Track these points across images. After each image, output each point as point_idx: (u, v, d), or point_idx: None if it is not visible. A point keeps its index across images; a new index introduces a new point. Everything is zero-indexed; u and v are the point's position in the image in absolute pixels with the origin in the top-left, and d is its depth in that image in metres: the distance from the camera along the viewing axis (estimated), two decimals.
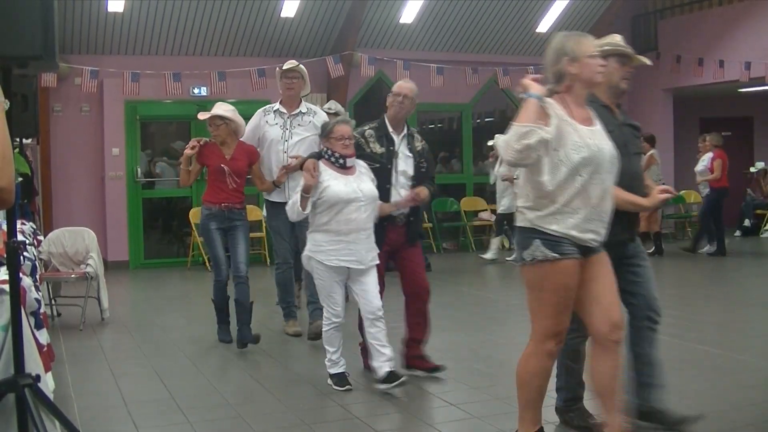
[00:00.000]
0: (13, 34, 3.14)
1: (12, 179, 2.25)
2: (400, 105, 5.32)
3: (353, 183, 4.98)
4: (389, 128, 5.33)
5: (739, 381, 5.12)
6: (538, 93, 3.43)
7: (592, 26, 14.05)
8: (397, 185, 5.26)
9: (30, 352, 3.49)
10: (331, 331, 5.08)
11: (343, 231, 4.91)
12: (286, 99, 6.64)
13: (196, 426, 4.43)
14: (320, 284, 5.04)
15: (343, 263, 4.93)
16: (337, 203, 4.90)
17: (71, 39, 11.40)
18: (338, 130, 5.06)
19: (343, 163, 5.04)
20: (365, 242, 4.97)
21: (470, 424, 4.44)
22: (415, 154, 5.35)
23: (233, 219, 6.34)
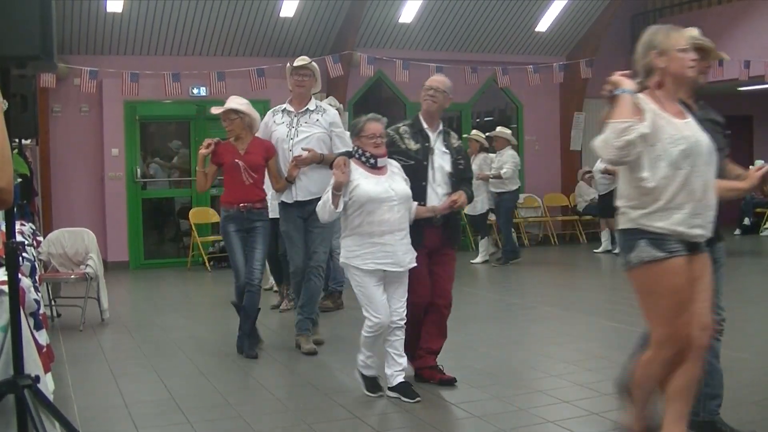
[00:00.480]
0: (11, 35, 3.14)
1: (11, 180, 2.25)
2: (431, 99, 5.14)
3: (384, 182, 4.78)
4: (424, 124, 5.16)
5: (740, 379, 5.11)
6: (630, 88, 3.34)
7: (591, 25, 14.07)
8: (434, 183, 5.05)
9: (29, 352, 3.49)
10: (371, 338, 4.84)
11: (376, 233, 4.70)
12: (296, 96, 6.35)
13: (196, 426, 4.43)
14: (359, 291, 4.79)
15: (380, 266, 4.72)
16: (367, 203, 4.70)
17: (70, 39, 11.39)
18: (369, 128, 4.86)
19: (374, 163, 4.84)
20: (401, 243, 4.76)
21: (470, 423, 4.44)
22: (451, 151, 5.16)
23: (253, 220, 6.05)
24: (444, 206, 5.00)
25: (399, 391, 4.79)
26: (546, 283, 10.17)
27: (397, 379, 4.83)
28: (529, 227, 14.26)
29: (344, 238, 4.86)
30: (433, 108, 5.15)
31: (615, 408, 4.56)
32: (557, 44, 14.34)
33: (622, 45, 15.29)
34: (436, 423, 4.47)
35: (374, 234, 4.71)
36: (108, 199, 11.77)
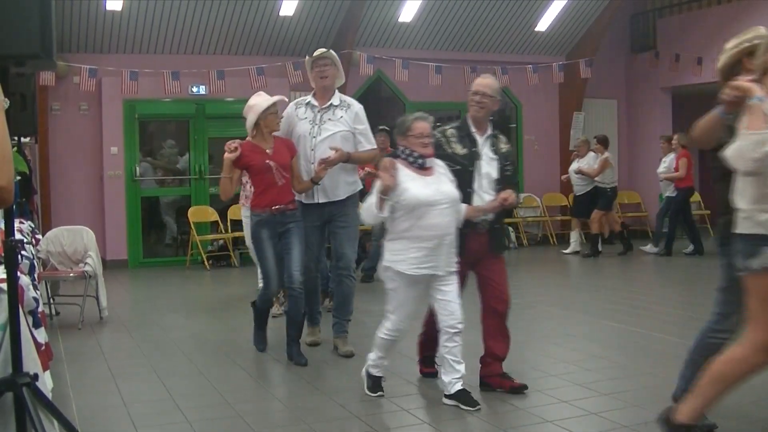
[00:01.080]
0: (10, 33, 3.14)
1: (11, 178, 2.25)
2: (478, 105, 4.87)
3: (433, 184, 4.59)
4: (472, 128, 4.91)
5: None
6: (763, 95, 3.26)
7: (591, 25, 14.07)
8: (480, 190, 4.83)
9: (28, 351, 3.49)
10: (389, 342, 4.78)
11: (425, 237, 4.51)
12: (320, 90, 5.98)
13: (195, 425, 4.43)
14: (394, 295, 4.66)
15: (424, 271, 4.55)
16: (417, 207, 4.50)
17: (70, 38, 11.39)
18: (417, 127, 4.63)
19: (422, 164, 4.63)
20: (447, 248, 4.59)
21: (468, 423, 4.44)
22: (500, 156, 4.92)
23: (286, 222, 5.73)
24: (494, 205, 4.80)
25: (458, 399, 4.61)
26: (545, 283, 10.17)
27: (455, 387, 4.63)
28: (528, 227, 14.27)
29: (389, 241, 4.66)
30: (480, 115, 4.90)
31: (614, 408, 4.57)
32: (557, 44, 14.35)
33: (622, 45, 15.33)
34: (435, 422, 4.47)
35: (423, 238, 4.52)
36: (107, 198, 11.76)
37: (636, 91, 15.34)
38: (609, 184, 12.10)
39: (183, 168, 12.71)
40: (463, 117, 5.00)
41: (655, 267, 11.36)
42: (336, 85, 6.05)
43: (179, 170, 12.73)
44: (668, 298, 8.64)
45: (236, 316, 7.95)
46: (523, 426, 4.34)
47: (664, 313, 7.59)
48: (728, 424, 4.30)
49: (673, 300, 8.52)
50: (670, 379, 5.18)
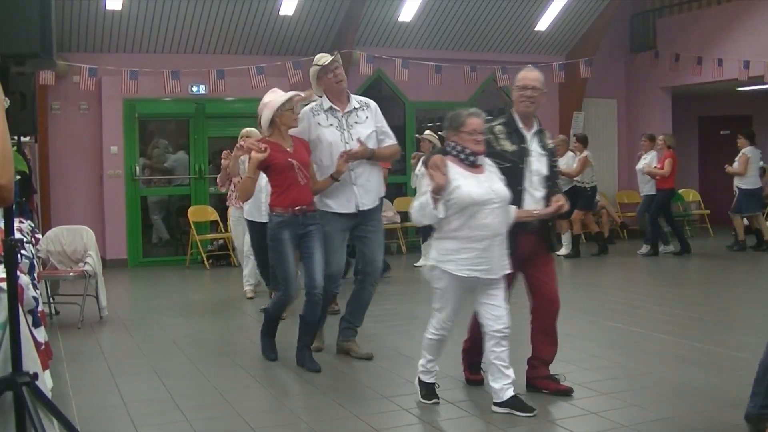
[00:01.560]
0: (10, 32, 3.14)
1: (11, 177, 2.25)
2: (529, 100, 4.70)
3: (485, 183, 4.42)
4: (519, 123, 4.73)
5: (738, 378, 5.11)
6: None
7: (591, 25, 14.07)
8: (531, 187, 4.67)
9: (28, 350, 3.49)
10: (436, 341, 4.65)
11: (476, 237, 4.35)
12: (336, 94, 5.77)
13: (195, 424, 4.43)
14: (441, 294, 4.51)
15: (475, 273, 4.38)
16: (469, 206, 4.34)
17: (70, 37, 11.39)
18: (471, 123, 4.44)
19: (473, 161, 4.46)
20: (499, 249, 4.43)
21: (468, 422, 4.44)
22: (548, 152, 4.79)
23: (307, 224, 5.53)
24: (549, 211, 4.67)
25: (512, 406, 4.48)
26: None
27: (507, 393, 4.48)
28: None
29: (438, 240, 4.49)
30: (531, 110, 4.73)
31: (613, 407, 4.58)
32: (557, 44, 14.35)
33: (622, 45, 15.33)
34: (435, 421, 4.47)
35: (473, 239, 4.36)
36: (107, 197, 11.76)
37: (636, 90, 15.34)
38: (588, 183, 12.02)
39: (171, 167, 12.72)
40: (507, 112, 4.81)
41: (652, 267, 11.36)
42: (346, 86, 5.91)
43: (167, 169, 12.73)
44: (666, 298, 8.63)
45: (236, 316, 7.96)
46: (522, 425, 4.34)
47: (663, 313, 7.59)
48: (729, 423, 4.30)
49: (671, 300, 8.52)
50: (668, 378, 5.20)
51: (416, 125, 13.48)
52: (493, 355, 4.49)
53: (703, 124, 16.53)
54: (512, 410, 4.46)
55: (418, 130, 12.56)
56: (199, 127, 12.26)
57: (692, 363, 5.63)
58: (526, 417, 4.40)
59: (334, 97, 5.78)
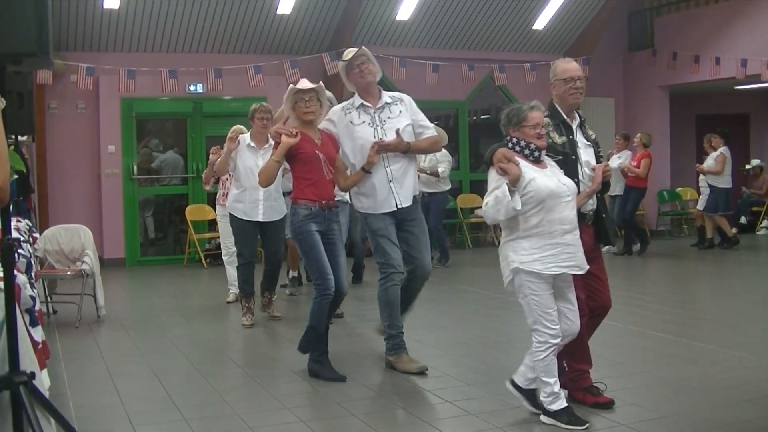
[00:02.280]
0: (7, 31, 3.13)
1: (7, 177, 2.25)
2: (578, 92, 4.54)
3: (552, 176, 4.27)
4: (563, 115, 4.57)
5: (736, 377, 5.13)
6: None
7: (588, 23, 14.08)
8: (584, 179, 4.49)
9: (25, 349, 3.49)
10: (549, 357, 4.23)
11: (557, 232, 4.17)
12: (365, 89, 5.59)
13: (192, 423, 4.43)
14: (534, 301, 4.20)
15: (564, 269, 4.19)
16: (547, 198, 4.16)
17: (67, 36, 11.38)
18: (533, 117, 4.27)
19: (538, 156, 4.29)
20: (579, 244, 4.26)
21: (466, 421, 4.43)
22: (593, 143, 4.66)
23: (332, 220, 5.37)
24: (597, 182, 4.47)
25: (525, 395, 4.42)
26: None
27: (532, 385, 4.38)
28: None
29: (515, 240, 4.25)
30: (580, 101, 4.59)
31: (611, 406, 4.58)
32: (554, 42, 14.35)
33: (619, 43, 15.35)
34: (433, 421, 4.47)
35: (555, 234, 4.17)
36: (104, 196, 11.75)
37: (633, 89, 15.35)
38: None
39: (157, 167, 12.70)
40: (550, 104, 4.62)
41: (649, 266, 11.37)
42: (376, 80, 5.69)
43: (153, 169, 12.72)
44: (664, 297, 8.64)
45: (234, 315, 7.95)
46: (521, 424, 4.34)
47: (661, 312, 7.59)
48: (728, 423, 4.31)
49: (668, 298, 8.53)
50: (666, 377, 5.20)
51: None
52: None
53: (701, 122, 16.54)
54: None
55: None
56: (197, 126, 12.25)
57: (690, 361, 5.64)
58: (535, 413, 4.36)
59: (364, 92, 5.60)
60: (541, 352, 4.22)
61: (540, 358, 4.23)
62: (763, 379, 5.15)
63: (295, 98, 5.38)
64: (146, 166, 12.68)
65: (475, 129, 14.46)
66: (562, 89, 4.54)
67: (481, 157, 14.51)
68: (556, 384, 4.25)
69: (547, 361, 4.22)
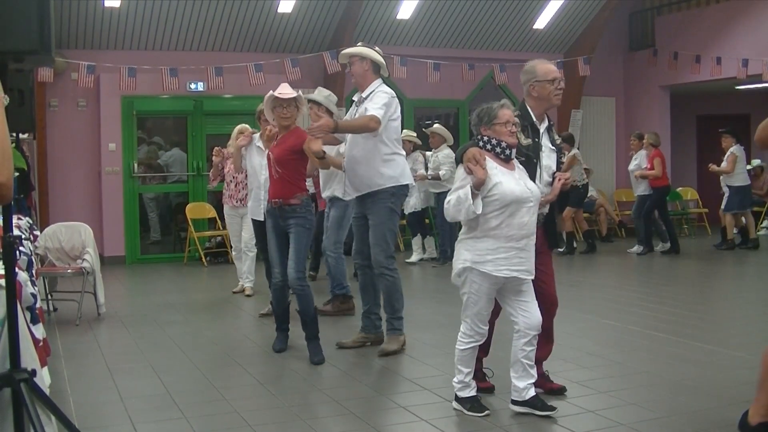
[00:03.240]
0: (9, 29, 3.14)
1: (11, 175, 2.25)
2: (560, 92, 4.62)
3: (520, 180, 4.30)
4: (533, 117, 4.57)
5: (736, 377, 5.13)
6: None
7: (589, 23, 14.08)
8: (541, 183, 4.51)
9: (26, 346, 3.49)
10: (469, 351, 4.46)
11: (515, 236, 4.21)
12: (356, 85, 6.22)
13: (192, 421, 4.43)
14: (473, 299, 4.34)
15: (514, 273, 4.25)
16: (511, 203, 4.18)
17: (68, 34, 11.38)
18: (504, 114, 4.27)
19: (509, 154, 4.30)
20: (533, 250, 4.32)
21: (466, 420, 4.44)
22: (557, 148, 4.68)
23: (286, 217, 5.75)
24: (557, 187, 4.53)
25: (532, 406, 4.41)
26: None
27: (529, 393, 4.42)
28: None
29: (471, 239, 4.31)
30: (560, 103, 4.71)
31: (611, 406, 4.58)
32: (555, 41, 14.35)
33: (620, 43, 15.34)
34: (433, 419, 4.47)
35: (513, 237, 4.21)
36: (105, 194, 11.76)
37: (634, 88, 15.35)
38: (580, 181, 12.03)
39: (164, 164, 12.72)
40: (520, 104, 4.64)
41: (649, 265, 11.37)
42: (377, 74, 6.19)
43: (160, 166, 12.72)
44: (663, 297, 8.64)
45: (233, 313, 7.96)
46: (520, 423, 4.35)
47: (659, 311, 7.59)
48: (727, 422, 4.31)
49: (667, 298, 8.53)
50: (665, 377, 5.21)
51: (414, 123, 13.47)
52: (523, 353, 4.39)
53: (702, 122, 16.54)
54: (532, 409, 4.40)
55: (417, 128, 12.57)
56: (197, 125, 12.25)
57: (689, 361, 5.64)
58: (545, 415, 4.36)
59: (358, 87, 6.12)
60: (464, 344, 4.46)
61: (461, 348, 4.48)
62: None
63: (274, 103, 5.82)
64: (150, 162, 12.68)
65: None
66: (547, 90, 4.57)
67: None
68: (468, 375, 4.49)
69: (466, 352, 4.47)
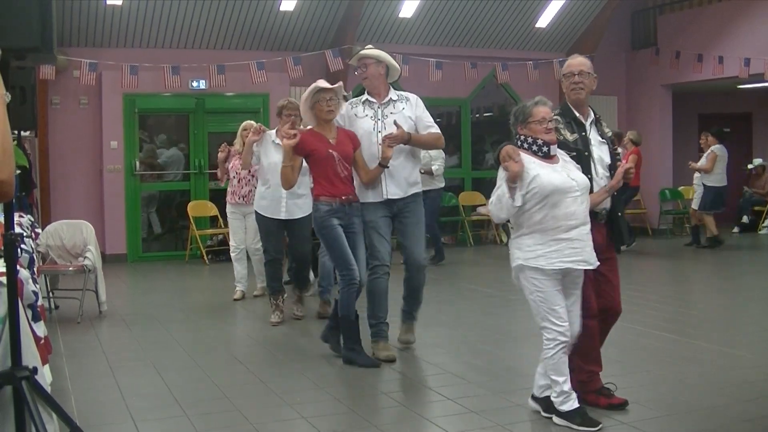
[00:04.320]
0: (11, 26, 3.13)
1: (12, 172, 2.25)
2: (578, 86, 4.50)
3: (562, 171, 4.21)
4: (575, 113, 4.54)
5: (736, 376, 5.13)
6: None
7: (591, 21, 14.06)
8: (597, 176, 4.44)
9: (27, 344, 3.49)
10: (558, 354, 4.16)
11: (562, 228, 4.12)
12: (369, 88, 5.93)
13: (193, 419, 4.44)
14: (540, 298, 4.18)
15: (569, 264, 4.13)
16: (551, 194, 4.11)
17: (70, 31, 11.38)
18: (539, 112, 4.24)
19: (547, 152, 4.24)
20: (588, 238, 4.19)
21: (467, 419, 4.44)
22: (607, 140, 4.60)
23: (352, 215, 5.60)
24: (618, 178, 4.41)
25: (541, 404, 4.37)
26: None
27: (546, 392, 4.33)
28: None
29: (519, 237, 4.26)
30: (582, 96, 4.53)
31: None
32: (557, 40, 14.34)
33: (622, 41, 15.33)
34: (433, 418, 4.48)
35: (560, 229, 4.12)
36: (106, 192, 11.76)
37: (636, 87, 15.33)
38: None
39: (164, 163, 12.71)
40: (562, 104, 4.64)
41: (650, 264, 11.36)
42: (390, 80, 6.04)
43: (157, 165, 12.72)
44: (665, 296, 8.64)
45: (235, 311, 7.96)
46: (521, 422, 4.35)
47: (661, 311, 7.59)
48: (728, 422, 4.31)
49: (669, 297, 8.53)
50: (667, 376, 5.21)
51: None
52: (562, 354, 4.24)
53: (703, 121, 16.51)
54: (540, 408, 4.37)
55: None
56: (199, 123, 12.25)
57: (691, 360, 5.64)
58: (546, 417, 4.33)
59: (369, 90, 5.93)
60: (550, 350, 4.15)
61: (549, 356, 4.17)
62: (763, 378, 5.15)
63: (317, 97, 5.58)
64: (150, 161, 12.69)
65: (477, 127, 14.44)
66: (565, 86, 4.56)
67: (482, 155, 14.58)
68: (566, 383, 4.18)
69: (555, 359, 4.15)
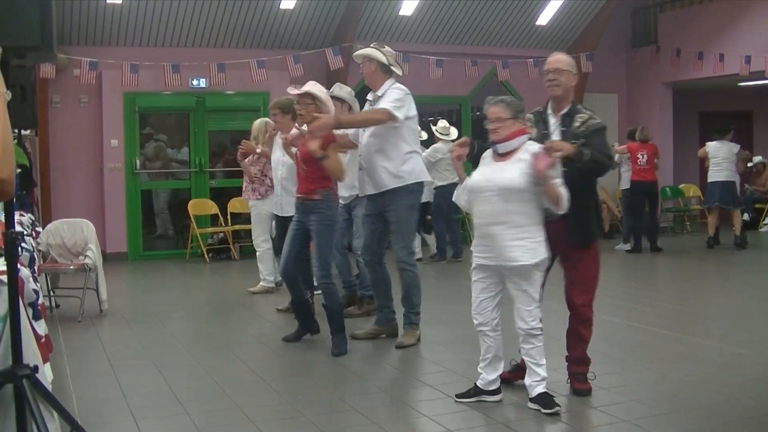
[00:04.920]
0: (11, 24, 3.13)
1: (13, 171, 2.25)
2: (552, 83, 4.61)
3: (495, 172, 4.39)
4: (548, 110, 4.70)
5: (737, 374, 5.13)
6: None
7: (592, 19, 14.06)
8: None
9: (28, 342, 3.49)
10: (480, 340, 4.62)
11: (479, 225, 4.47)
12: (367, 84, 6.31)
13: (194, 417, 4.44)
14: (471, 287, 4.59)
15: (482, 260, 4.45)
16: (471, 193, 4.49)
17: (70, 30, 11.38)
18: (488, 112, 4.46)
19: (495, 149, 4.48)
20: (504, 237, 4.32)
21: (468, 416, 4.44)
22: (568, 136, 4.57)
23: (308, 212, 5.87)
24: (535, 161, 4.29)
25: (538, 402, 4.43)
26: None
27: (536, 390, 4.45)
28: None
29: None
30: (558, 93, 4.61)
31: (613, 402, 4.58)
32: (558, 38, 14.33)
33: (623, 39, 15.32)
34: (433, 415, 4.48)
35: (479, 226, 4.48)
36: (107, 191, 11.76)
37: (637, 85, 15.33)
38: None
39: (182, 162, 12.72)
40: (548, 99, 4.74)
41: (651, 262, 11.36)
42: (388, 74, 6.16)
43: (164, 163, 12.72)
44: (665, 293, 8.65)
45: (235, 309, 7.96)
46: (521, 420, 4.35)
47: (662, 308, 7.59)
48: (729, 420, 4.31)
49: (670, 295, 8.53)
50: (668, 373, 5.21)
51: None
52: (523, 351, 4.51)
53: (704, 119, 16.52)
54: (538, 406, 4.42)
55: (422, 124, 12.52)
56: (200, 121, 12.25)
57: (692, 358, 5.64)
58: (548, 413, 4.35)
59: (369, 86, 6.25)
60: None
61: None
62: (764, 376, 5.15)
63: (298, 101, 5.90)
64: (156, 159, 12.68)
65: (478, 124, 14.44)
66: (544, 82, 4.69)
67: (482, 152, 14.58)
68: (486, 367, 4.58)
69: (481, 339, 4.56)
